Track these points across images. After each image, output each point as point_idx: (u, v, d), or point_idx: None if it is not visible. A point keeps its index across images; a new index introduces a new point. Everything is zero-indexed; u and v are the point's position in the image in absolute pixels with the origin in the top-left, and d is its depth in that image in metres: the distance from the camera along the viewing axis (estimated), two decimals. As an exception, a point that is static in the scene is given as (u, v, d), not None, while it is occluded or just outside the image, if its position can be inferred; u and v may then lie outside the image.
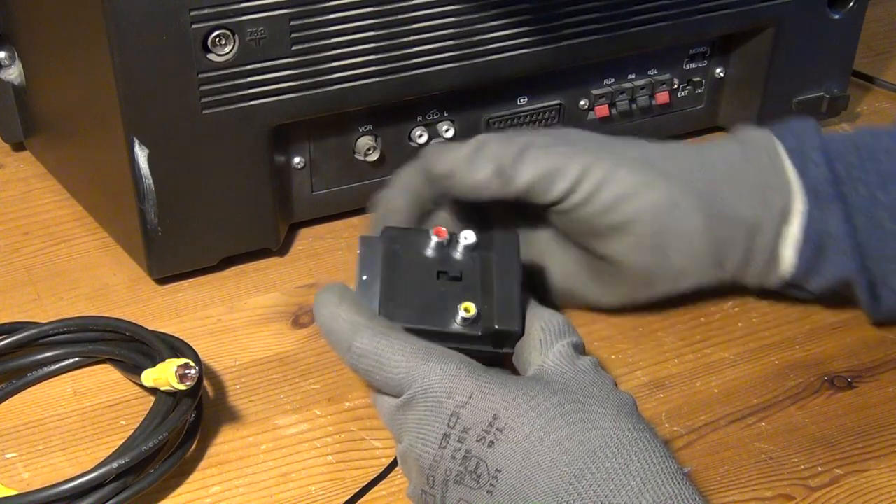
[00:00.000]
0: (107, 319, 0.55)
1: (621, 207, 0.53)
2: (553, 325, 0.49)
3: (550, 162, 0.53)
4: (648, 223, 0.54)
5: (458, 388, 0.44)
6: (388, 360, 0.46)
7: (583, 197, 0.53)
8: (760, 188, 0.55)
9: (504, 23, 0.63)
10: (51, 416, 0.54)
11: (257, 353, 0.58)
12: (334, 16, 0.58)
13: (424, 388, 0.45)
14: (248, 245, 0.64)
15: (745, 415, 0.55)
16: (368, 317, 0.48)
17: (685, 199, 0.54)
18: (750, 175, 0.56)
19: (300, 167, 0.65)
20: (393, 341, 0.46)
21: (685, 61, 0.74)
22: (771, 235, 0.55)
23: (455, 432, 0.44)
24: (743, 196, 0.55)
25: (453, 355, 0.46)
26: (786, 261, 0.56)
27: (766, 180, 0.55)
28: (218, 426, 0.54)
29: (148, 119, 0.57)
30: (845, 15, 0.74)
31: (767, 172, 0.56)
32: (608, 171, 0.53)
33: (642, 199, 0.53)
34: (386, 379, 0.46)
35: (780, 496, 0.50)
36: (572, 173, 0.53)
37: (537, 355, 0.48)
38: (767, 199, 0.55)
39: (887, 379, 0.57)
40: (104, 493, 0.47)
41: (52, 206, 0.70)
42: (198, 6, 0.54)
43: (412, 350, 0.46)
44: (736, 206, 0.55)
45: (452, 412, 0.44)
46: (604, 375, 0.46)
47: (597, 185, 0.53)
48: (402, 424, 0.46)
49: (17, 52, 0.69)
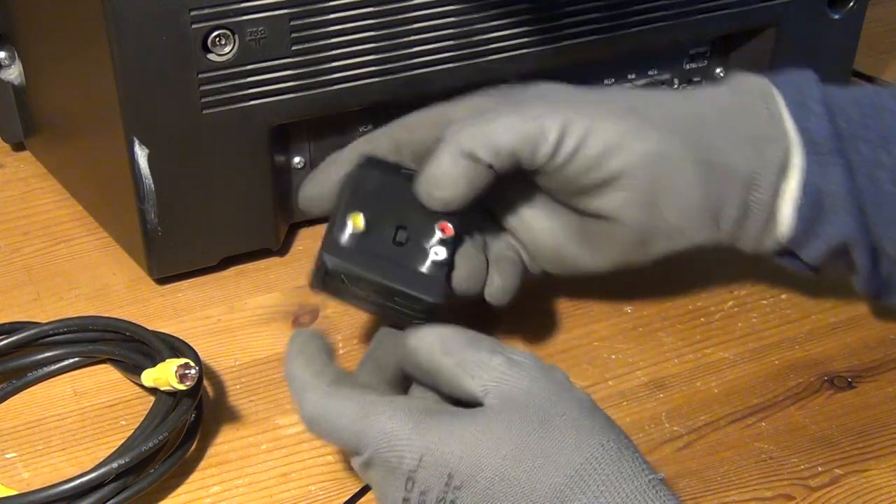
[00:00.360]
0: (107, 319, 0.55)
1: (608, 161, 0.50)
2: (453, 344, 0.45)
3: (526, 126, 0.50)
4: (639, 176, 0.51)
5: (406, 451, 0.42)
6: (336, 424, 0.44)
7: (567, 154, 0.50)
8: (756, 138, 0.52)
9: (504, 23, 0.63)
10: (51, 416, 0.54)
11: (257, 353, 0.58)
12: (334, 16, 0.58)
13: (375, 451, 0.43)
14: (248, 245, 0.64)
15: (745, 415, 0.55)
16: (315, 372, 0.45)
17: (676, 149, 0.51)
18: (744, 123, 0.52)
19: (300, 167, 0.65)
20: (338, 402, 0.44)
21: (685, 61, 0.74)
22: (768, 191, 0.52)
23: (414, 495, 0.42)
24: (737, 146, 0.52)
25: (398, 409, 0.43)
26: (784, 220, 0.53)
27: (761, 130, 0.52)
28: (218, 426, 0.54)
29: (148, 119, 0.57)
30: (845, 15, 0.74)
31: (763, 122, 0.52)
32: (590, 123, 0.50)
33: (630, 151, 0.50)
34: (342, 442, 0.44)
35: (780, 496, 0.50)
36: (553, 134, 0.50)
37: (469, 380, 0.44)
38: (763, 150, 0.52)
39: (887, 379, 0.57)
40: (104, 493, 0.47)
41: (52, 206, 0.70)
42: (198, 6, 0.54)
43: (356, 411, 0.43)
44: (730, 157, 0.52)
45: (407, 477, 0.42)
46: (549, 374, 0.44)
47: (580, 140, 0.50)
48: (370, 480, 0.45)
49: (17, 52, 0.69)
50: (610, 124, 0.50)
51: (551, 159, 0.50)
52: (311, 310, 0.61)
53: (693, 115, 0.52)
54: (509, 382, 0.43)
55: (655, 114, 0.52)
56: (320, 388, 0.45)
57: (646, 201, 0.51)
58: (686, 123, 0.52)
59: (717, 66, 0.75)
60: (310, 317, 0.61)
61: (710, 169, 0.51)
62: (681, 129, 0.51)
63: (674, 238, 0.53)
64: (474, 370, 0.44)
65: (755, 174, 0.52)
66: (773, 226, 0.54)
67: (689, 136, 0.51)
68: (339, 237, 0.50)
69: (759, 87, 0.53)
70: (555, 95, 0.53)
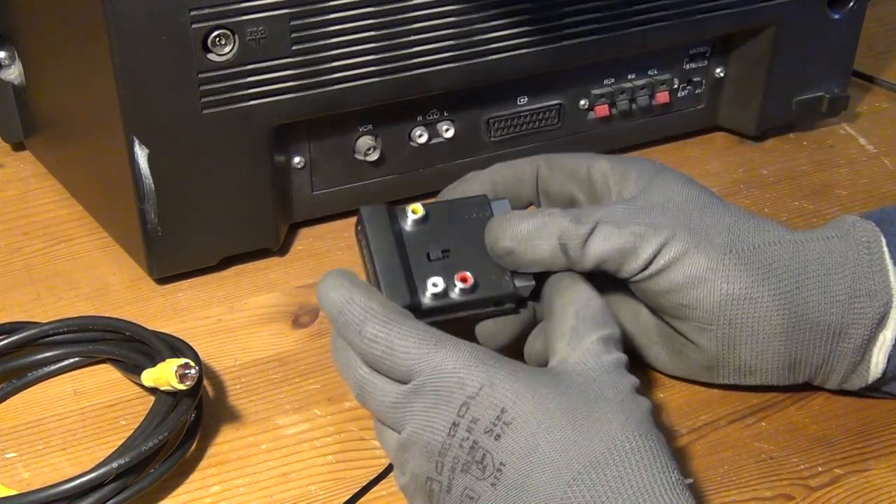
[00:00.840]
0: (107, 319, 0.55)
1: (689, 291, 0.50)
2: (588, 314, 0.47)
3: (623, 240, 0.50)
4: (715, 313, 0.50)
5: (470, 379, 0.44)
6: (399, 347, 0.45)
7: (652, 272, 0.50)
8: (855, 294, 0.51)
9: (504, 23, 0.63)
10: (51, 416, 0.54)
11: (257, 353, 0.58)
12: (334, 16, 0.58)
13: (435, 376, 0.45)
14: (248, 245, 0.64)
15: (745, 415, 0.55)
16: (381, 302, 0.47)
17: (765, 296, 0.50)
18: (845, 279, 0.51)
19: (300, 167, 0.65)
20: (404, 328, 0.46)
21: (685, 61, 0.74)
22: (860, 341, 0.51)
23: (464, 422, 0.44)
24: (833, 302, 0.51)
25: (464, 344, 0.46)
26: (876, 365, 0.52)
27: (862, 285, 0.51)
28: (218, 426, 0.54)
29: (148, 119, 0.57)
30: (845, 15, 0.74)
31: (864, 275, 0.51)
32: (684, 250, 0.50)
33: (712, 288, 0.50)
34: (395, 364, 0.46)
35: (780, 496, 0.50)
36: (647, 253, 0.50)
37: (564, 345, 0.47)
38: (862, 305, 0.51)
39: (887, 379, 0.57)
40: (104, 493, 0.47)
41: (52, 206, 0.70)
42: (198, 6, 0.54)
43: (423, 337, 0.46)
44: (823, 313, 0.51)
45: (463, 402, 0.44)
46: (625, 377, 0.46)
47: (668, 263, 0.50)
48: (405, 412, 0.46)
49: (17, 52, 0.69)
50: (703, 256, 0.50)
51: (637, 275, 0.51)
52: (311, 310, 0.61)
53: (795, 265, 0.51)
54: (586, 367, 0.46)
55: (756, 256, 0.51)
56: (389, 315, 0.46)
57: (723, 337, 0.51)
58: (785, 273, 0.51)
59: (717, 66, 0.75)
60: (310, 317, 0.61)
61: (799, 321, 0.51)
62: (778, 276, 0.51)
63: (745, 375, 0.53)
64: (575, 342, 0.46)
65: (848, 327, 0.51)
66: (862, 370, 0.52)
67: (782, 285, 0.51)
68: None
69: (866, 236, 0.52)
70: (665, 207, 0.52)
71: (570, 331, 0.47)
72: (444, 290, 0.50)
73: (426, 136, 0.67)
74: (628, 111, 0.73)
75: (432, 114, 0.67)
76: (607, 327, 0.47)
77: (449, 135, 0.67)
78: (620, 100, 0.72)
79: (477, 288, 0.50)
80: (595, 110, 0.72)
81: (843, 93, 0.77)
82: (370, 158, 0.65)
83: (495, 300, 0.51)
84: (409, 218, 0.51)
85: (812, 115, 0.78)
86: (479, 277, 0.50)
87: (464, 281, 0.50)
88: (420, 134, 0.67)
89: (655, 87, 0.73)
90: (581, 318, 0.47)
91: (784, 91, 0.76)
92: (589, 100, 0.71)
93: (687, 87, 0.75)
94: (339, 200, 0.67)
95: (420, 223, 0.51)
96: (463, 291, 0.50)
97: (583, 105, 0.71)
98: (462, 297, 0.50)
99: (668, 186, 0.53)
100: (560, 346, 0.47)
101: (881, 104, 0.84)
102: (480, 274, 0.51)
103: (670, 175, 0.54)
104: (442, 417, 0.44)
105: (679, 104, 0.75)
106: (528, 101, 0.69)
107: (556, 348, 0.47)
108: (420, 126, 0.67)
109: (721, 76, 0.75)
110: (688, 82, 0.75)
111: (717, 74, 0.75)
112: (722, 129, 0.79)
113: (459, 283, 0.50)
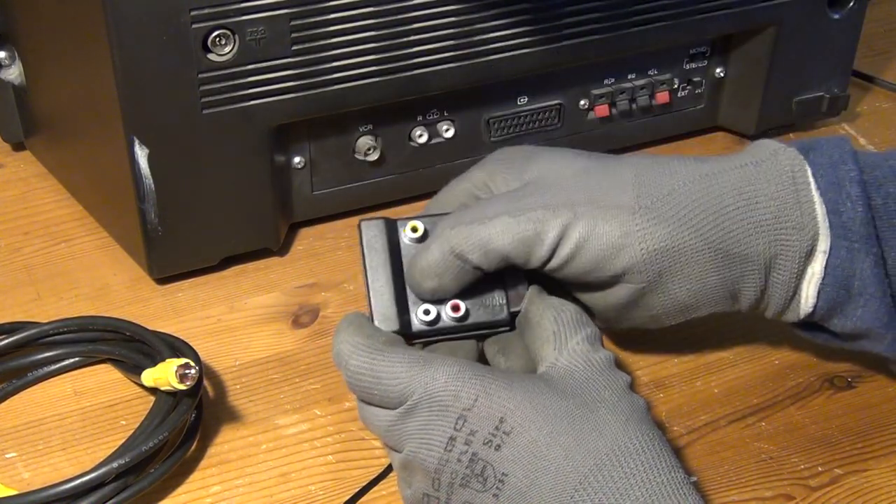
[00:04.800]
0: (107, 319, 0.56)
1: (610, 263, 0.49)
2: (566, 317, 0.47)
3: (523, 229, 0.48)
4: (644, 271, 0.49)
5: (464, 391, 0.44)
6: (385, 374, 0.45)
7: (563, 259, 0.49)
8: (780, 227, 0.50)
9: (504, 23, 0.63)
10: (51, 416, 0.54)
11: (257, 353, 0.58)
12: (334, 16, 0.58)
13: (428, 393, 0.44)
14: (248, 245, 0.64)
15: (745, 415, 0.55)
16: (367, 335, 0.47)
17: (687, 240, 0.49)
18: (769, 211, 0.49)
19: (300, 167, 0.65)
20: (388, 356, 0.45)
21: (685, 61, 0.74)
22: (790, 274, 0.50)
23: (461, 435, 0.43)
24: (759, 234, 0.50)
25: (454, 360, 0.45)
26: (807, 299, 0.51)
27: (787, 218, 0.50)
28: (218, 426, 0.54)
29: (148, 119, 0.57)
30: (845, 15, 0.74)
31: (791, 209, 0.49)
32: (588, 228, 0.49)
33: (633, 251, 0.49)
34: (385, 392, 0.45)
35: (780, 496, 0.50)
36: (550, 237, 0.48)
37: (550, 350, 0.46)
38: (788, 237, 0.50)
39: (887, 379, 0.57)
40: (104, 493, 0.47)
41: (52, 206, 0.70)
42: (198, 6, 0.54)
43: (410, 361, 0.45)
44: (750, 247, 0.50)
45: (459, 415, 0.44)
46: (618, 375, 0.46)
47: (577, 246, 0.49)
48: (402, 433, 0.45)
49: (17, 52, 0.69)
50: (613, 224, 0.49)
51: (547, 263, 0.49)
52: (311, 310, 0.61)
53: (710, 201, 0.50)
54: (577, 369, 0.45)
55: (667, 205, 0.49)
56: (374, 346, 0.46)
57: (656, 289, 0.50)
58: (701, 212, 0.49)
59: (717, 66, 0.75)
60: (310, 317, 0.61)
61: (727, 255, 0.50)
62: (695, 219, 0.49)
63: (689, 313, 0.52)
64: (561, 345, 0.46)
65: (777, 258, 0.50)
66: (795, 304, 0.51)
67: (701, 225, 0.49)
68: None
69: (790, 164, 0.50)
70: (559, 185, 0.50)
71: (552, 336, 0.47)
72: (436, 318, 0.49)
73: (426, 136, 0.67)
74: (628, 111, 0.73)
75: (432, 114, 0.67)
76: (587, 326, 0.47)
77: (449, 135, 0.67)
78: (620, 100, 0.72)
79: (468, 316, 0.50)
80: (595, 110, 0.71)
81: (843, 93, 0.77)
82: (370, 158, 0.65)
83: (489, 325, 0.50)
84: (408, 235, 0.51)
85: (812, 115, 0.78)
86: (471, 304, 0.50)
87: (455, 310, 0.50)
88: (420, 134, 0.67)
89: (655, 87, 0.73)
90: (560, 321, 0.47)
91: (784, 91, 0.76)
92: (589, 100, 0.71)
93: (687, 87, 0.75)
94: (339, 200, 0.67)
95: (418, 241, 0.51)
96: (454, 319, 0.50)
97: (583, 105, 0.71)
98: (454, 323, 0.50)
99: (554, 162, 0.52)
100: (546, 351, 0.47)
101: (881, 104, 0.84)
102: (475, 299, 0.50)
103: (553, 152, 0.53)
104: (438, 433, 0.44)
105: (679, 104, 0.75)
106: (529, 101, 0.69)
107: (542, 355, 0.47)
108: (420, 126, 0.67)
109: (721, 76, 0.75)
110: (688, 82, 0.75)
111: (717, 74, 0.75)
112: (722, 129, 0.79)
113: (451, 312, 0.50)
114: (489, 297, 0.51)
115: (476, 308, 0.50)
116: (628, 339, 0.59)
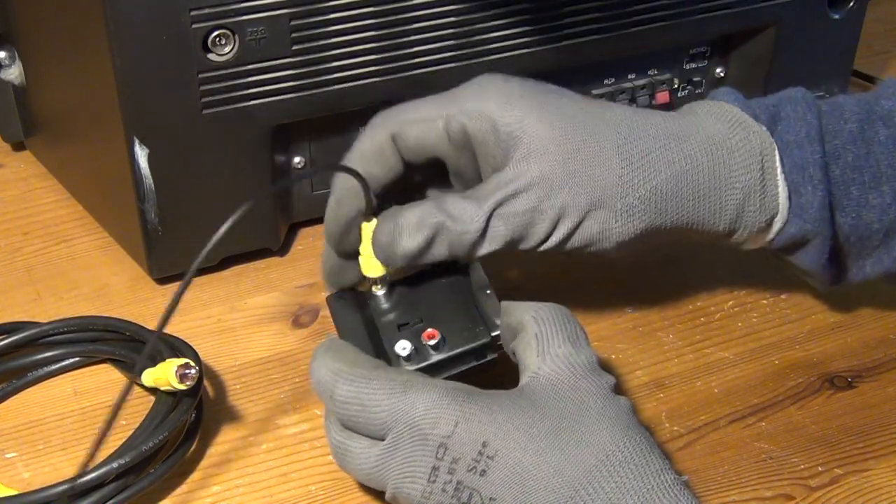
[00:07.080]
0: (107, 319, 0.56)
1: (601, 242, 0.51)
2: (545, 314, 0.46)
3: (518, 221, 0.50)
4: (628, 244, 0.51)
5: (443, 417, 0.43)
6: (370, 402, 0.44)
7: (560, 240, 0.50)
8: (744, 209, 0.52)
9: (504, 23, 0.63)
10: (51, 416, 0.54)
11: (257, 353, 0.58)
12: (334, 16, 0.58)
13: (408, 423, 0.43)
14: (248, 245, 0.64)
15: (745, 415, 0.55)
16: (350, 362, 0.46)
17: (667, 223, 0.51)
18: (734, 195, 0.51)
19: (300, 167, 0.65)
20: (372, 382, 0.44)
21: (685, 61, 0.74)
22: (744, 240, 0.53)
23: (444, 464, 0.43)
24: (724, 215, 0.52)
25: (436, 384, 0.44)
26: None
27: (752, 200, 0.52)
28: (218, 426, 0.54)
29: (148, 119, 0.57)
30: (845, 15, 0.74)
31: (755, 192, 0.52)
32: (583, 211, 0.50)
33: (625, 229, 0.50)
34: (369, 421, 0.44)
35: (780, 496, 0.50)
36: (545, 224, 0.50)
37: (533, 357, 0.45)
38: (750, 218, 0.52)
39: (887, 379, 0.57)
40: (104, 493, 0.47)
41: (52, 206, 0.70)
42: (198, 6, 0.54)
43: (392, 386, 0.44)
44: (715, 224, 0.52)
45: (439, 443, 0.43)
46: (601, 378, 0.45)
47: (571, 228, 0.50)
48: (385, 470, 0.44)
49: (17, 52, 0.69)
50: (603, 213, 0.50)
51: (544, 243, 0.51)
52: (311, 310, 0.61)
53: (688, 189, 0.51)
54: (561, 377, 0.45)
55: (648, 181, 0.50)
56: (358, 372, 0.45)
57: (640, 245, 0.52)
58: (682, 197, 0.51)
59: (717, 66, 0.75)
60: (310, 317, 0.61)
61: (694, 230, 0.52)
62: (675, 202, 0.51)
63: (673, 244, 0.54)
64: (545, 350, 0.45)
65: (737, 232, 0.53)
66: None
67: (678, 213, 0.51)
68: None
69: (760, 148, 0.52)
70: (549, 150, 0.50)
71: (535, 339, 0.46)
72: (414, 351, 0.49)
73: (426, 136, 0.67)
74: (628, 111, 0.73)
75: (432, 114, 0.67)
76: (569, 321, 0.47)
77: (449, 135, 0.67)
78: (620, 100, 0.72)
79: (445, 342, 0.49)
80: (595, 110, 0.71)
81: (843, 92, 0.77)
82: (370, 158, 0.65)
83: (474, 351, 0.50)
84: (376, 297, 0.51)
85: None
86: (448, 332, 0.49)
87: (431, 338, 0.49)
88: (420, 134, 0.67)
89: (655, 87, 0.73)
90: (540, 320, 0.46)
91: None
92: (589, 100, 0.71)
93: (687, 87, 0.75)
94: (339, 200, 0.67)
95: (387, 298, 0.51)
96: (434, 348, 0.49)
97: (583, 105, 0.71)
98: (438, 356, 0.49)
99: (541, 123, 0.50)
100: (530, 359, 0.46)
101: (881, 104, 0.84)
102: (451, 328, 0.50)
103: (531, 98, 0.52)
104: (420, 464, 0.43)
105: (679, 104, 0.75)
106: (528, 101, 0.69)
107: (527, 363, 0.46)
108: (420, 126, 0.67)
109: (721, 76, 0.75)
110: (688, 82, 0.75)
111: (717, 74, 0.75)
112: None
113: (428, 341, 0.49)
114: (466, 322, 0.50)
115: (452, 334, 0.49)
116: (628, 339, 0.60)
